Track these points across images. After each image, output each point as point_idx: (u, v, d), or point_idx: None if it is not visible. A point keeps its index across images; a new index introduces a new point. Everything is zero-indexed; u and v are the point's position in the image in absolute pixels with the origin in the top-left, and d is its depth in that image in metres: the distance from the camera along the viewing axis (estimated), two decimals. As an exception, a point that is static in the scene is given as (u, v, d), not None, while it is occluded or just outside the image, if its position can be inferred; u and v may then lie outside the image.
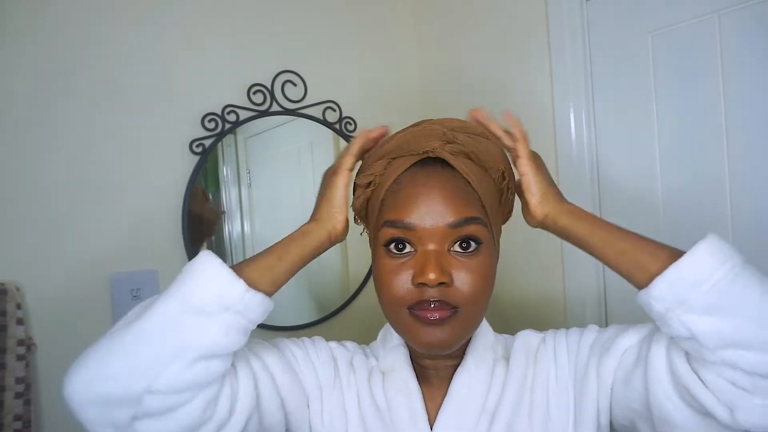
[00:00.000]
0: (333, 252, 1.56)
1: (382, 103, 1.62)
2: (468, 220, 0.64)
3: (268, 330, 1.39)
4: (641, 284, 0.59)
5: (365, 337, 0.86)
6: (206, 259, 0.60)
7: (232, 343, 0.59)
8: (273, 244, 0.68)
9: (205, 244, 1.34)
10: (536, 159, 0.70)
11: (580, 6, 1.24)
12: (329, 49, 1.54)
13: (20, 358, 1.03)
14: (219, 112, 1.34)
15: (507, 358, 0.75)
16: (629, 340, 0.66)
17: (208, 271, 0.59)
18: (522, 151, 0.68)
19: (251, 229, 1.40)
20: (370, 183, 0.71)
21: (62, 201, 1.15)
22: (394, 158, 0.69)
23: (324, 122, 1.49)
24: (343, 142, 1.52)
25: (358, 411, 0.72)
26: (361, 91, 1.59)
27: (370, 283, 1.55)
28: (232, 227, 1.38)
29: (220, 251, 1.37)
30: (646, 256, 0.60)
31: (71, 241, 1.16)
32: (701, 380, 0.56)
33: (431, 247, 0.64)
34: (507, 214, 0.76)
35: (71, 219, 1.16)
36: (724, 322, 0.53)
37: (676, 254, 0.58)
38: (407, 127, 0.72)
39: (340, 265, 1.53)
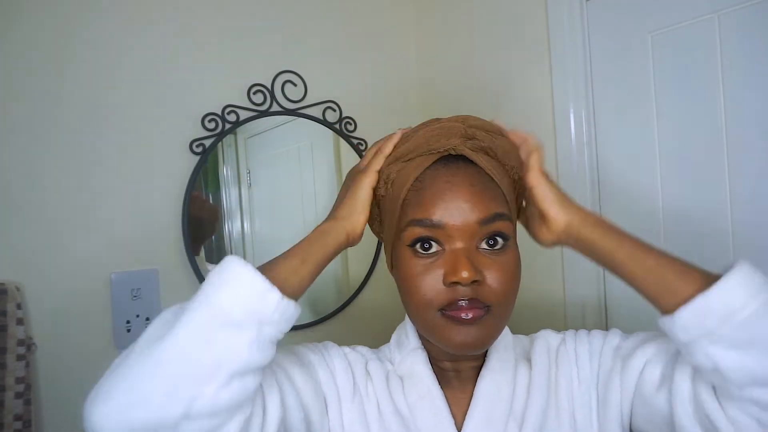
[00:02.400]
0: (333, 252, 1.55)
1: (382, 103, 1.62)
2: (496, 216, 0.63)
3: (268, 330, 1.39)
4: (666, 309, 0.56)
5: (365, 336, 0.86)
6: (236, 265, 0.55)
7: (265, 357, 0.55)
8: (291, 247, 0.65)
9: (204, 246, 1.34)
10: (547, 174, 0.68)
11: (580, 6, 1.24)
12: (329, 49, 1.54)
13: (20, 358, 1.03)
14: (219, 112, 1.34)
15: (527, 359, 0.73)
16: (652, 351, 0.64)
17: (241, 278, 0.54)
18: (534, 163, 0.66)
19: (251, 229, 1.40)
20: (386, 186, 0.69)
21: (62, 201, 1.15)
22: (411, 159, 0.67)
23: (324, 122, 1.49)
24: (343, 142, 1.52)
25: (379, 420, 0.69)
26: (361, 91, 1.59)
27: (370, 283, 1.55)
28: (232, 227, 1.38)
29: (220, 251, 1.37)
30: (673, 277, 0.56)
31: (71, 241, 1.16)
32: (725, 413, 0.53)
33: (460, 245, 0.62)
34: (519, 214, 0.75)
35: (71, 219, 1.16)
36: (751, 359, 0.50)
37: (705, 278, 0.55)
38: (419, 128, 0.70)
39: (340, 265, 1.53)
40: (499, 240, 0.64)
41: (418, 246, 0.64)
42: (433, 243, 0.64)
